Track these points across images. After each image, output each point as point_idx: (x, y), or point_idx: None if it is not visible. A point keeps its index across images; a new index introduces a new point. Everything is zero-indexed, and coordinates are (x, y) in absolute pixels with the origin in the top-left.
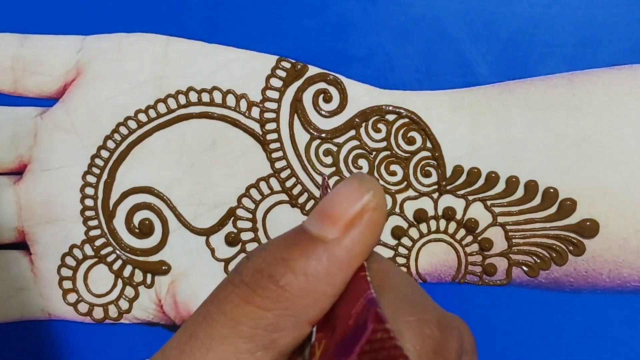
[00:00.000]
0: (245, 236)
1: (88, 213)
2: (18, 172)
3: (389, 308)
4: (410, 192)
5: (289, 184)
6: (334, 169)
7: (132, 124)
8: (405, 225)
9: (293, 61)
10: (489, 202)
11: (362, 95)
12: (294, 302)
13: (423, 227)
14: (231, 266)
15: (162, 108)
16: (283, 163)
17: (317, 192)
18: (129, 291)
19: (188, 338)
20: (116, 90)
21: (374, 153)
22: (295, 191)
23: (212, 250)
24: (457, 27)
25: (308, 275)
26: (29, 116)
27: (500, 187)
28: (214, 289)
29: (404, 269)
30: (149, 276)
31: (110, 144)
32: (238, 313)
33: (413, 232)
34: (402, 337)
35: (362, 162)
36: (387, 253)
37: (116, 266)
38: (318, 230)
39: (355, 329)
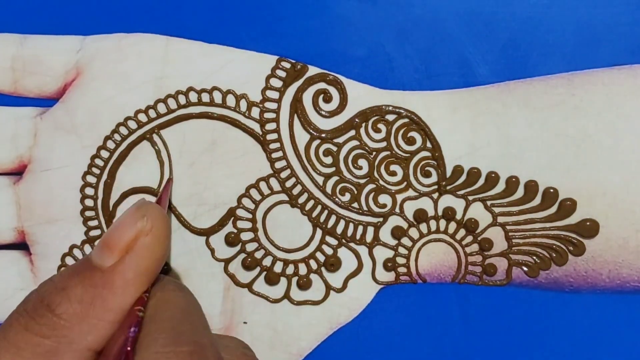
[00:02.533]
0: (245, 236)
1: (88, 213)
2: (18, 172)
3: (147, 338)
4: (410, 192)
5: (289, 184)
6: (334, 169)
7: (132, 124)
8: (405, 225)
9: (293, 61)
10: (489, 202)
11: (362, 95)
12: (70, 329)
13: (423, 227)
14: (231, 266)
15: (162, 108)
16: (283, 163)
17: (317, 192)
18: None
19: None
20: (116, 90)
21: (374, 153)
22: (295, 191)
23: (212, 251)
24: (457, 27)
25: (84, 302)
26: (29, 116)
27: (500, 187)
28: (7, 318)
29: (404, 269)
30: None
31: (110, 144)
32: (19, 339)
33: (413, 232)
34: None
35: (362, 162)
36: (387, 253)
37: None
38: (97, 258)
39: None
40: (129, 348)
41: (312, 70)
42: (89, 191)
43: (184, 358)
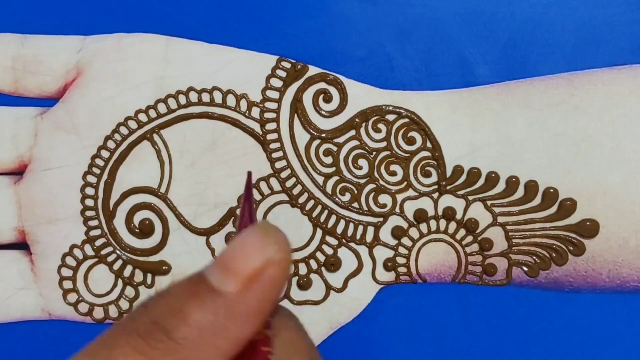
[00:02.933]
0: None
1: (88, 213)
2: (18, 172)
3: None
4: (410, 192)
5: (289, 184)
6: (334, 168)
7: (132, 124)
8: (405, 225)
9: (293, 61)
10: (489, 202)
11: (362, 95)
12: (186, 355)
13: (423, 227)
14: None
15: (162, 108)
16: (283, 163)
17: (317, 192)
18: (130, 291)
19: None
20: (116, 90)
21: (374, 153)
22: (295, 191)
23: (213, 251)
24: (457, 27)
25: (203, 329)
26: (29, 116)
27: (500, 187)
28: (105, 331)
29: (404, 269)
30: (149, 276)
31: (111, 144)
32: None
33: (413, 232)
34: None
35: (362, 162)
36: (388, 253)
37: (116, 266)
38: (218, 282)
39: None
40: None
41: (312, 70)
42: (90, 191)
43: None
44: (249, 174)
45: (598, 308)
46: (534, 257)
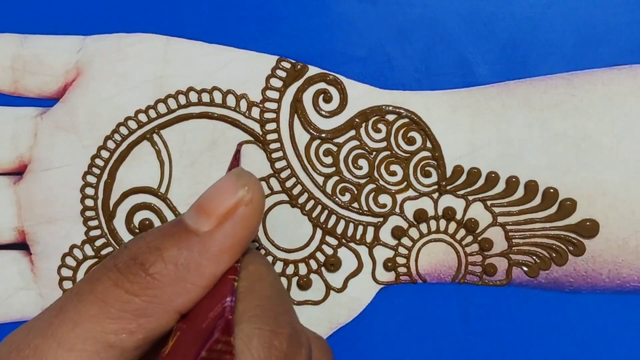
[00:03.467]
0: None
1: (88, 213)
2: (18, 172)
3: (247, 312)
4: (410, 192)
5: (289, 184)
6: (334, 169)
7: (132, 124)
8: (405, 225)
9: (293, 61)
10: (489, 202)
11: (362, 95)
12: (162, 290)
13: (423, 227)
14: None
15: (162, 108)
16: (283, 163)
17: (317, 192)
18: None
19: (57, 312)
20: (116, 90)
21: (374, 153)
22: (295, 191)
23: None
24: (457, 27)
25: (178, 265)
26: (29, 116)
27: (500, 187)
28: (91, 271)
29: (404, 269)
30: None
31: (110, 144)
32: (108, 295)
33: (413, 232)
34: (250, 343)
35: (362, 162)
36: (387, 253)
37: None
38: (193, 222)
39: (205, 332)
40: (229, 317)
41: (312, 70)
42: (89, 191)
43: (283, 340)
44: (240, 144)
45: (598, 308)
46: (534, 257)
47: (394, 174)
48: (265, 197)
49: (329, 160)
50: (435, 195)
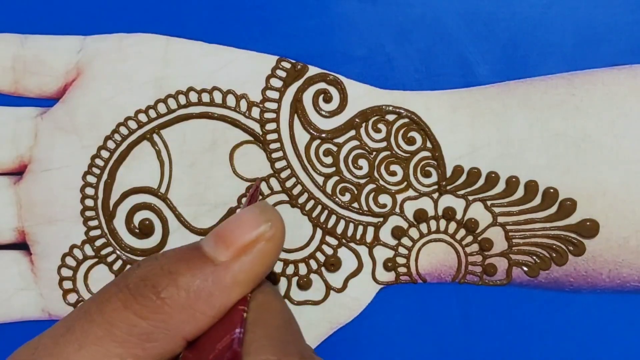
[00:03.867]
0: None
1: (88, 213)
2: (18, 172)
3: (255, 343)
4: (410, 192)
5: (289, 184)
6: (334, 169)
7: (132, 124)
8: (405, 225)
9: (293, 61)
10: (489, 202)
11: (362, 95)
12: (171, 315)
13: (423, 227)
14: None
15: (162, 108)
16: (283, 163)
17: (317, 192)
18: None
19: (65, 331)
20: (116, 90)
21: (374, 153)
22: (295, 191)
23: None
24: (457, 27)
25: (190, 292)
26: (29, 116)
27: (500, 187)
28: (101, 288)
29: (404, 269)
30: None
31: (110, 144)
32: (115, 316)
33: (413, 232)
34: None
35: (362, 162)
36: (387, 253)
37: (116, 266)
38: (210, 250)
39: None
40: (237, 349)
41: (312, 70)
42: (89, 191)
43: None
44: (258, 180)
45: (598, 308)
46: (534, 257)
47: (394, 174)
48: (265, 197)
49: (329, 160)
50: (435, 195)
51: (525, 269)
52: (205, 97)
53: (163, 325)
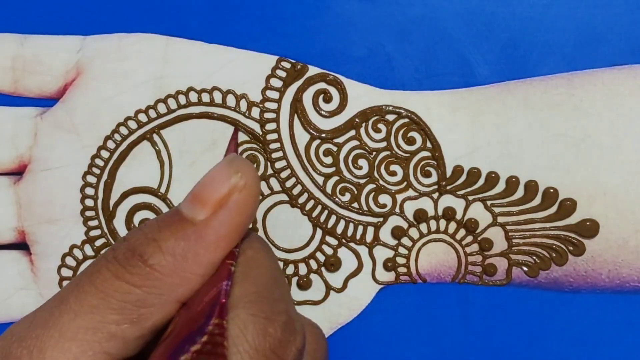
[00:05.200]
0: None
1: (88, 213)
2: (18, 172)
3: (243, 298)
4: (410, 192)
5: (289, 184)
6: (334, 169)
7: (132, 124)
8: (405, 225)
9: (293, 61)
10: (489, 202)
11: (362, 95)
12: (162, 280)
13: (423, 227)
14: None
15: (162, 108)
16: (283, 163)
17: (317, 192)
18: None
19: (59, 303)
20: (116, 90)
21: (374, 153)
22: (295, 191)
23: None
24: (457, 27)
25: (176, 255)
26: (29, 116)
27: (500, 187)
28: (90, 263)
29: (404, 269)
30: None
31: (110, 144)
32: (108, 286)
33: (413, 232)
34: (245, 329)
35: (362, 162)
36: (387, 253)
37: None
38: (189, 211)
39: (200, 316)
40: (223, 300)
41: (312, 70)
42: (89, 191)
43: (277, 328)
44: (236, 129)
45: (598, 308)
46: (534, 257)
47: (394, 174)
48: (265, 197)
49: (329, 160)
50: (435, 195)
51: (525, 269)
52: (205, 97)
53: (156, 291)
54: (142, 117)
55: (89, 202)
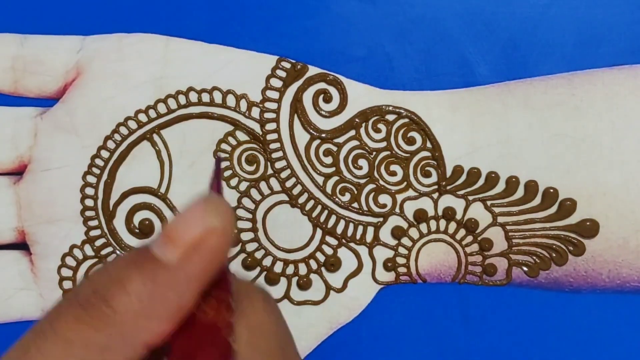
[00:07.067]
0: (245, 236)
1: (88, 213)
2: (18, 172)
3: None
4: (410, 192)
5: (289, 184)
6: (334, 169)
7: (132, 124)
8: (405, 225)
9: (293, 61)
10: (489, 202)
11: (362, 95)
12: (125, 324)
13: (423, 227)
14: (231, 266)
15: (162, 108)
16: (283, 163)
17: (317, 192)
18: None
19: (21, 354)
20: (116, 90)
21: (374, 153)
22: (295, 191)
23: None
24: (457, 27)
25: (142, 298)
26: (29, 116)
27: (500, 187)
28: (53, 305)
29: (404, 269)
30: None
31: (110, 144)
32: (70, 332)
33: (413, 232)
34: None
35: (362, 162)
36: (387, 253)
37: None
38: (159, 251)
39: None
40: None
41: (312, 70)
42: (89, 191)
43: None
44: (219, 158)
45: (598, 308)
46: (534, 257)
47: (394, 174)
48: (265, 197)
49: (329, 160)
50: (435, 195)
51: (525, 269)
52: (205, 97)
53: (120, 335)
54: (142, 117)
55: (89, 202)
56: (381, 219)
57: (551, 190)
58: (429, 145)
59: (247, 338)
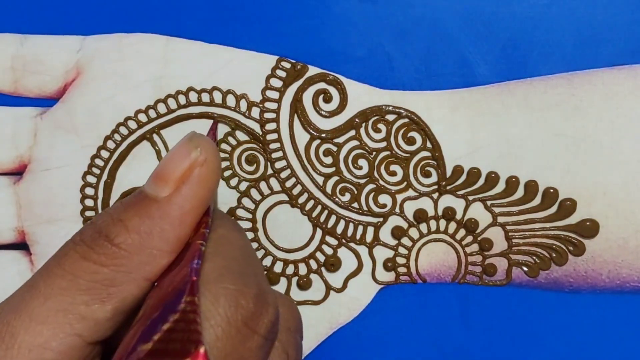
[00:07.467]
0: None
1: (88, 213)
2: (18, 172)
3: (214, 273)
4: (410, 192)
5: (289, 184)
6: (334, 169)
7: (132, 124)
8: (405, 225)
9: (293, 61)
10: (489, 202)
11: (362, 95)
12: (129, 258)
13: (423, 227)
14: None
15: (162, 108)
16: (283, 163)
17: (317, 192)
18: None
19: (29, 288)
20: (116, 90)
21: (374, 153)
22: (295, 191)
23: None
24: (457, 27)
25: (141, 233)
26: (29, 116)
27: (500, 187)
28: (59, 248)
29: (404, 269)
30: None
31: (110, 144)
32: (76, 268)
33: (413, 232)
34: (217, 302)
35: (362, 162)
36: (387, 253)
37: None
38: (152, 190)
39: (171, 295)
40: (194, 278)
41: (312, 70)
42: (89, 191)
43: (249, 300)
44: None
45: (598, 308)
46: (534, 257)
47: (394, 174)
48: (265, 197)
49: (328, 160)
50: (435, 195)
51: (525, 269)
52: (205, 97)
53: (123, 269)
54: (142, 117)
55: (89, 202)
56: (381, 219)
57: (551, 190)
58: (429, 145)
59: (214, 245)
